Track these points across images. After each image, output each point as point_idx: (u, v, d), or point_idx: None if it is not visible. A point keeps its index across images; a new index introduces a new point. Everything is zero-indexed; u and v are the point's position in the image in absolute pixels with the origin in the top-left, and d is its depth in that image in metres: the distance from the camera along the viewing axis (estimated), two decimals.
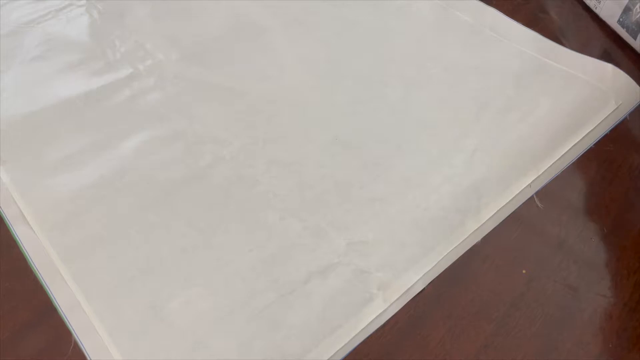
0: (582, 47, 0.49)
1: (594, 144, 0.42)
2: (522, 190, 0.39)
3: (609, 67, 0.46)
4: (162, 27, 0.50)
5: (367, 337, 0.33)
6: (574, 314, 0.34)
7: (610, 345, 0.33)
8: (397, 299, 0.34)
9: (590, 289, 0.35)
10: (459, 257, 0.37)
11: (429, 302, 0.35)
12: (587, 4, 0.53)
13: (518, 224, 0.38)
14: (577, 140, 0.42)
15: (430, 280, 0.35)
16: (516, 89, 0.46)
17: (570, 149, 0.42)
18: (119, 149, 0.41)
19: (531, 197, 0.39)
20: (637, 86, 0.46)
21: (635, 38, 0.49)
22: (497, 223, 0.38)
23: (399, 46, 0.49)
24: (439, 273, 0.36)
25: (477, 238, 0.38)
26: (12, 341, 0.33)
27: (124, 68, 0.47)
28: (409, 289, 0.35)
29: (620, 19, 0.50)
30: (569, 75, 0.47)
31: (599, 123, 0.43)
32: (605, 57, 0.47)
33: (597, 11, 0.52)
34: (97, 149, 0.41)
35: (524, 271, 0.36)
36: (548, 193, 0.40)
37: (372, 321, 0.33)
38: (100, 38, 0.49)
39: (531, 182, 0.40)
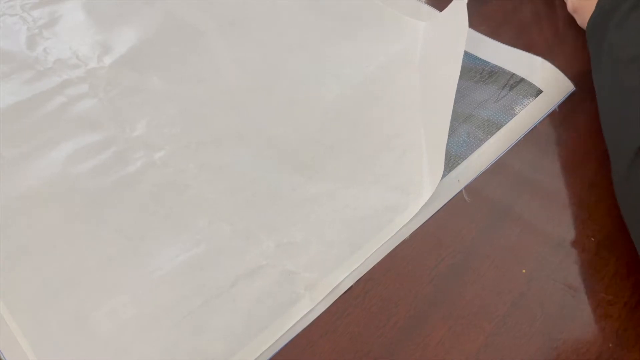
0: (582, 47, 0.48)
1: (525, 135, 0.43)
2: (451, 185, 0.40)
3: (538, 59, 0.47)
4: (95, 33, 0.49)
5: (368, 336, 0.33)
6: (574, 313, 0.34)
7: (610, 345, 0.32)
8: (324, 297, 0.35)
9: (590, 288, 0.35)
10: (459, 257, 0.36)
11: (428, 301, 0.35)
12: None
13: (517, 224, 0.38)
14: (502, 134, 0.43)
15: (358, 278, 0.36)
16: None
17: (493, 142, 0.43)
18: (48, 159, 0.41)
19: (460, 192, 0.40)
20: (566, 79, 0.46)
21: None
22: (427, 218, 0.39)
23: (334, 46, 0.49)
24: (367, 270, 0.36)
25: (406, 234, 0.38)
26: None
27: (56, 76, 0.46)
28: (335, 288, 0.35)
29: None
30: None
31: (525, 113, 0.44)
32: None
33: None
34: (25, 160, 0.41)
35: (523, 270, 0.36)
36: (546, 191, 0.39)
37: (298, 321, 0.34)
38: (32, 47, 0.48)
39: (459, 177, 0.40)
